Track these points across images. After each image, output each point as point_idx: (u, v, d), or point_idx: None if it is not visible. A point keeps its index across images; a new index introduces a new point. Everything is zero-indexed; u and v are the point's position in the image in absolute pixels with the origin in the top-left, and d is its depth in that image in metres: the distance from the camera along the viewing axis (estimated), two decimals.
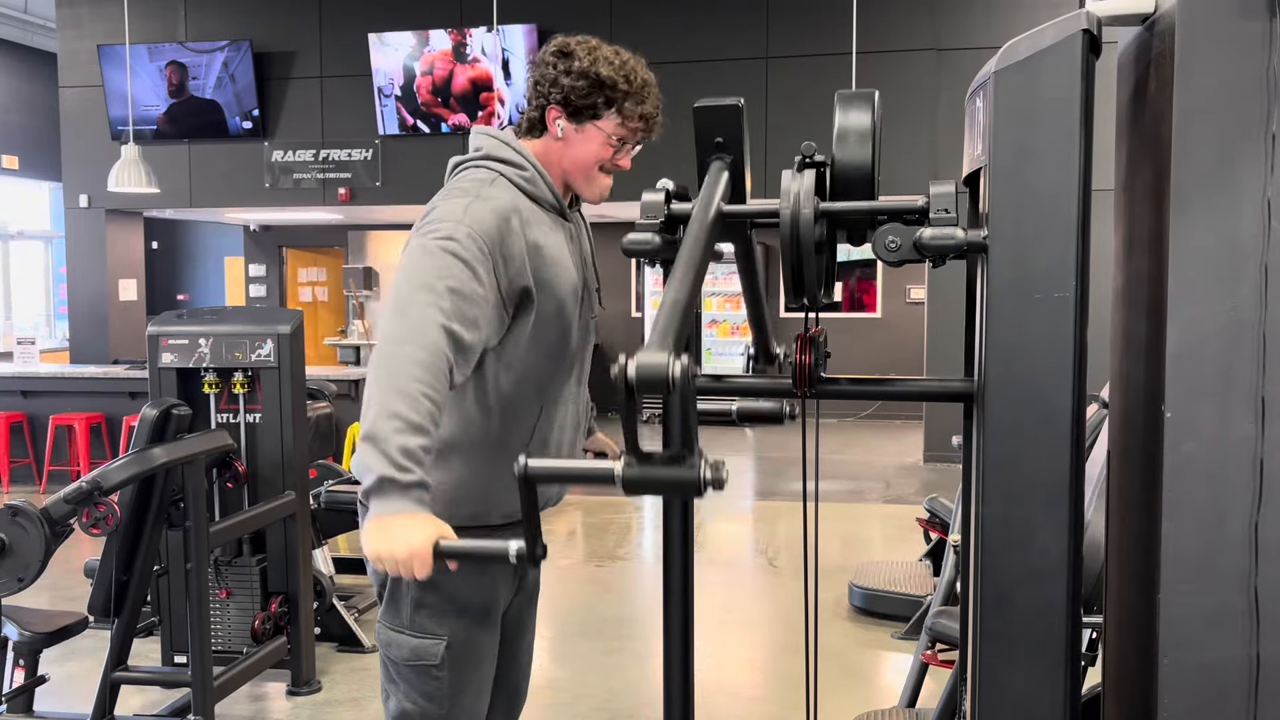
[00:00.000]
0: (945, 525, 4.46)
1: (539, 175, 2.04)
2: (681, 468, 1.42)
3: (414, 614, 2.03)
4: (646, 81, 2.06)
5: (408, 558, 1.67)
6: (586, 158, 2.05)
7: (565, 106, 2.02)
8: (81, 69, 10.44)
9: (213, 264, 15.22)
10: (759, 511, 7.73)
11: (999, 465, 1.48)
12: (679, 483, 1.43)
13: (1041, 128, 1.43)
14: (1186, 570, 1.37)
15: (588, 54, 2.02)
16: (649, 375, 1.30)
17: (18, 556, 2.73)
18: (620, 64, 2.03)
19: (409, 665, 2.03)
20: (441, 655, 2.02)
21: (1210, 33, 1.34)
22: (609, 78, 2.00)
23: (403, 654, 2.03)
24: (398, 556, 1.68)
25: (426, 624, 2.02)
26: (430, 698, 2.03)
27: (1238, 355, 1.34)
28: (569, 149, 2.05)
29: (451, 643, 2.03)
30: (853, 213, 1.59)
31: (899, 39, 8.93)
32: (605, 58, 2.02)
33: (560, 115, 2.02)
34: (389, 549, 1.68)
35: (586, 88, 2.00)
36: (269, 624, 3.89)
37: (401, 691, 2.05)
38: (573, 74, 2.00)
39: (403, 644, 2.03)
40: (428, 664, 2.02)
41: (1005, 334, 1.46)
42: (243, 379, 3.88)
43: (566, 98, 2.01)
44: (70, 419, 8.04)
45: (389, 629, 2.05)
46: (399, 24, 9.80)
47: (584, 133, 2.03)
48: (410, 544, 1.67)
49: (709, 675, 4.18)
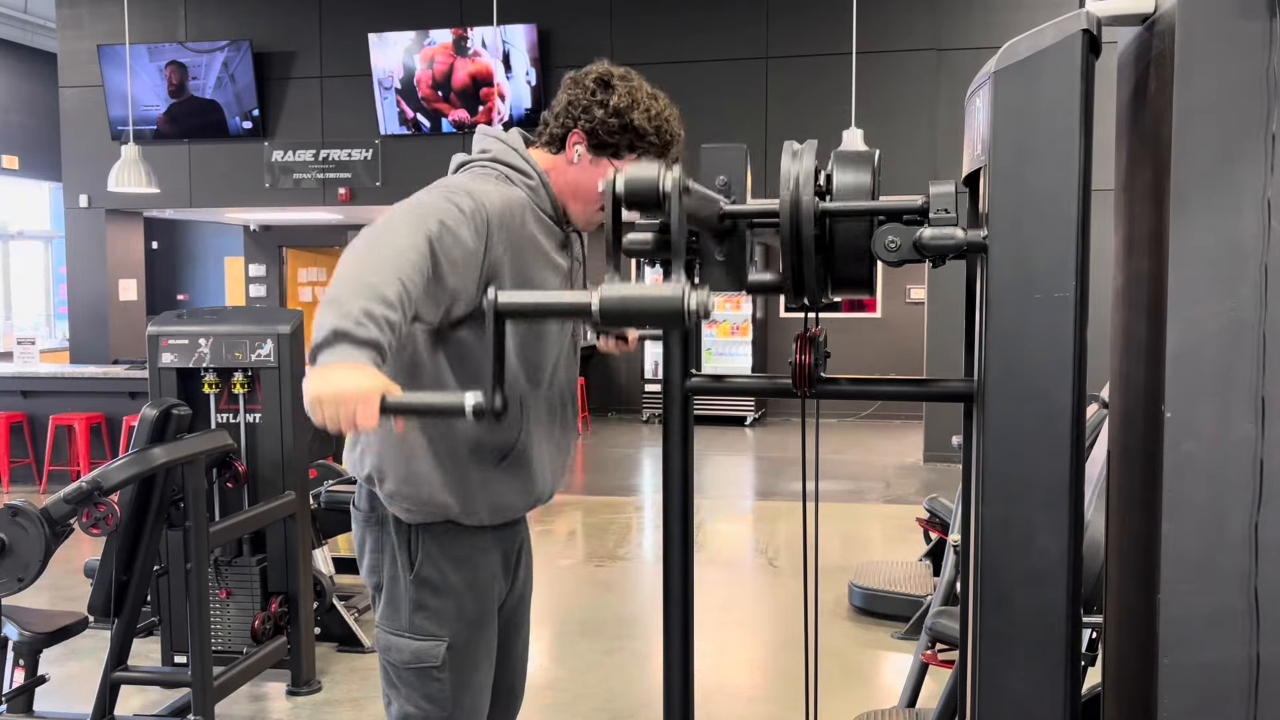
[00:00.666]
0: (945, 525, 4.46)
1: (544, 187, 2.03)
2: (664, 289, 1.29)
3: (413, 616, 2.02)
4: (676, 137, 2.05)
5: (352, 401, 1.51)
6: (593, 189, 2.03)
7: (590, 136, 2.00)
8: (81, 69, 10.44)
9: (213, 264, 15.22)
10: (759, 511, 7.73)
11: (999, 465, 1.48)
12: (661, 305, 1.30)
13: (1041, 128, 1.43)
14: (1186, 570, 1.37)
15: (627, 94, 1.99)
16: (638, 187, 1.22)
17: (18, 556, 2.73)
18: (655, 114, 2.01)
19: (410, 669, 2.03)
20: (443, 657, 2.02)
21: (1210, 33, 1.34)
22: (640, 126, 1.99)
23: (403, 657, 2.03)
24: (342, 397, 1.52)
25: (426, 626, 2.02)
26: (433, 700, 2.03)
27: (1238, 355, 1.34)
28: (579, 175, 2.03)
29: (453, 644, 2.03)
30: (853, 212, 1.59)
31: (899, 39, 8.93)
32: (642, 104, 2.00)
33: (581, 142, 2.01)
34: (332, 390, 1.53)
35: (617, 126, 1.98)
36: (269, 624, 3.89)
37: (404, 695, 2.05)
38: (607, 109, 1.98)
39: (403, 647, 2.03)
40: (429, 666, 2.02)
41: (1005, 334, 1.46)
42: (243, 379, 3.88)
43: (594, 129, 1.99)
44: (70, 419, 8.04)
45: (388, 633, 2.05)
46: (399, 24, 9.80)
47: (599, 165, 2.02)
48: (357, 387, 1.52)
49: (709, 675, 4.18)
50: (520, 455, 2.04)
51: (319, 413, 1.54)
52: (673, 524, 1.75)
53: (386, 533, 2.05)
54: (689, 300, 1.28)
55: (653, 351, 11.92)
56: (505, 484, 2.05)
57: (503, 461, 2.02)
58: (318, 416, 1.54)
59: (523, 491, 2.08)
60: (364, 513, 2.09)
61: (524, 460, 2.05)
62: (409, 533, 2.03)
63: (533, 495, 2.11)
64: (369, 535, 2.08)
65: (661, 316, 1.32)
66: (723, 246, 1.68)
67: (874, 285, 1.67)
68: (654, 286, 1.32)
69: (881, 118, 8.53)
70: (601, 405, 12.60)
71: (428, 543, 2.03)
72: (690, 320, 1.28)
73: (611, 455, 9.95)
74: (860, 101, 8.10)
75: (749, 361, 11.52)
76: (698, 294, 1.29)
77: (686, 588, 1.76)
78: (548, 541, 6.61)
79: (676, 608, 1.76)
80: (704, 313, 1.28)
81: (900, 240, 1.52)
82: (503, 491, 2.05)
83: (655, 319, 1.34)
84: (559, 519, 6.98)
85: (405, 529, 2.03)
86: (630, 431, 11.28)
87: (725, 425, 11.36)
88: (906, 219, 1.55)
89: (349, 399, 1.52)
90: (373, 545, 2.07)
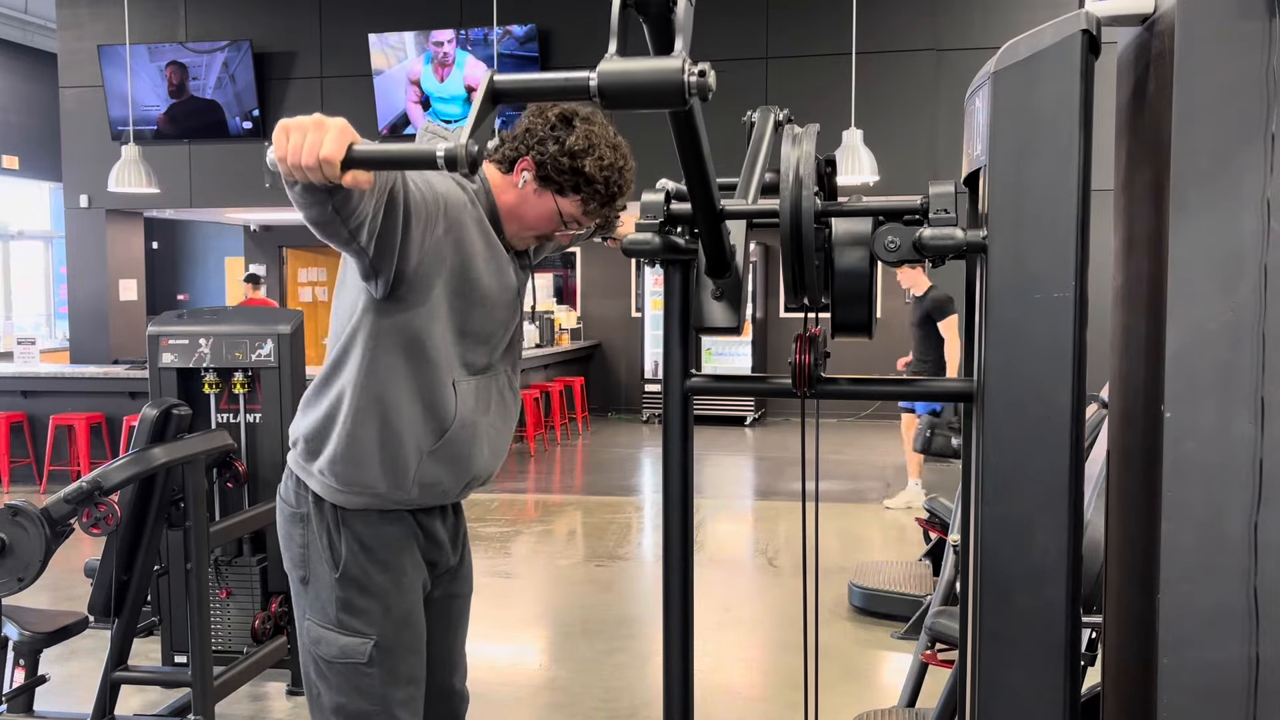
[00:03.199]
0: (945, 525, 4.46)
1: (486, 194, 2.04)
2: (663, 61, 1.23)
3: (340, 614, 2.04)
4: (622, 189, 2.04)
5: (321, 130, 1.39)
6: (529, 216, 2.05)
7: (539, 168, 1.99)
8: (81, 69, 10.45)
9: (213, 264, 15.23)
10: (759, 511, 7.73)
11: (999, 465, 1.48)
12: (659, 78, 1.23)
13: (1041, 128, 1.43)
14: (1186, 570, 1.37)
15: (585, 137, 1.98)
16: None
17: (18, 556, 2.73)
18: (607, 164, 1.99)
19: (340, 662, 2.04)
20: (370, 653, 2.03)
21: (1210, 33, 1.34)
22: (590, 173, 1.98)
23: (332, 652, 2.04)
24: (313, 125, 1.40)
25: (353, 624, 2.03)
26: (362, 693, 2.04)
27: (1238, 355, 1.34)
28: (519, 200, 2.03)
29: (380, 642, 2.04)
30: (852, 213, 1.59)
31: (899, 39, 8.94)
32: (598, 152, 1.98)
33: (530, 169, 2.00)
34: (304, 119, 1.41)
35: (567, 166, 1.98)
36: (269, 624, 3.89)
37: (334, 686, 2.06)
38: (562, 145, 1.97)
39: (331, 641, 2.04)
40: (357, 662, 2.03)
41: (1005, 334, 1.46)
42: (243, 379, 3.88)
43: (544, 162, 1.98)
44: (70, 419, 8.04)
45: (317, 625, 2.06)
46: (399, 24, 9.81)
47: (541, 197, 2.02)
48: (331, 121, 1.41)
49: (709, 675, 4.18)
50: (457, 434, 2.04)
51: (283, 140, 1.41)
52: (673, 524, 1.75)
53: (310, 530, 2.06)
54: (689, 73, 1.22)
55: (653, 352, 11.94)
56: (439, 461, 2.05)
57: (440, 439, 2.03)
58: (280, 144, 1.41)
59: (457, 471, 2.08)
60: (290, 506, 2.10)
61: (461, 439, 2.05)
62: (330, 529, 2.04)
63: (469, 474, 2.10)
64: (294, 530, 2.09)
65: (661, 89, 1.24)
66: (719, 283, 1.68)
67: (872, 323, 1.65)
68: (653, 59, 1.25)
69: (881, 118, 8.53)
70: (601, 405, 12.60)
71: (351, 541, 2.04)
72: (690, 95, 1.23)
73: (611, 455, 9.95)
74: (860, 101, 8.10)
75: (749, 361, 11.52)
76: (699, 68, 1.23)
77: (686, 588, 1.77)
78: (548, 541, 6.61)
79: (676, 608, 1.76)
80: (705, 91, 1.23)
81: (900, 240, 1.52)
82: (435, 469, 2.05)
83: (654, 92, 1.26)
84: (559, 519, 6.98)
85: (327, 524, 2.04)
86: (630, 431, 11.28)
87: (725, 425, 11.36)
88: (906, 219, 1.56)
89: (320, 127, 1.40)
90: (299, 540, 2.09)
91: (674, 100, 1.24)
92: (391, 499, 2.04)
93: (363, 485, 2.02)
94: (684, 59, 1.22)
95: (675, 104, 1.25)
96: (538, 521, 7.01)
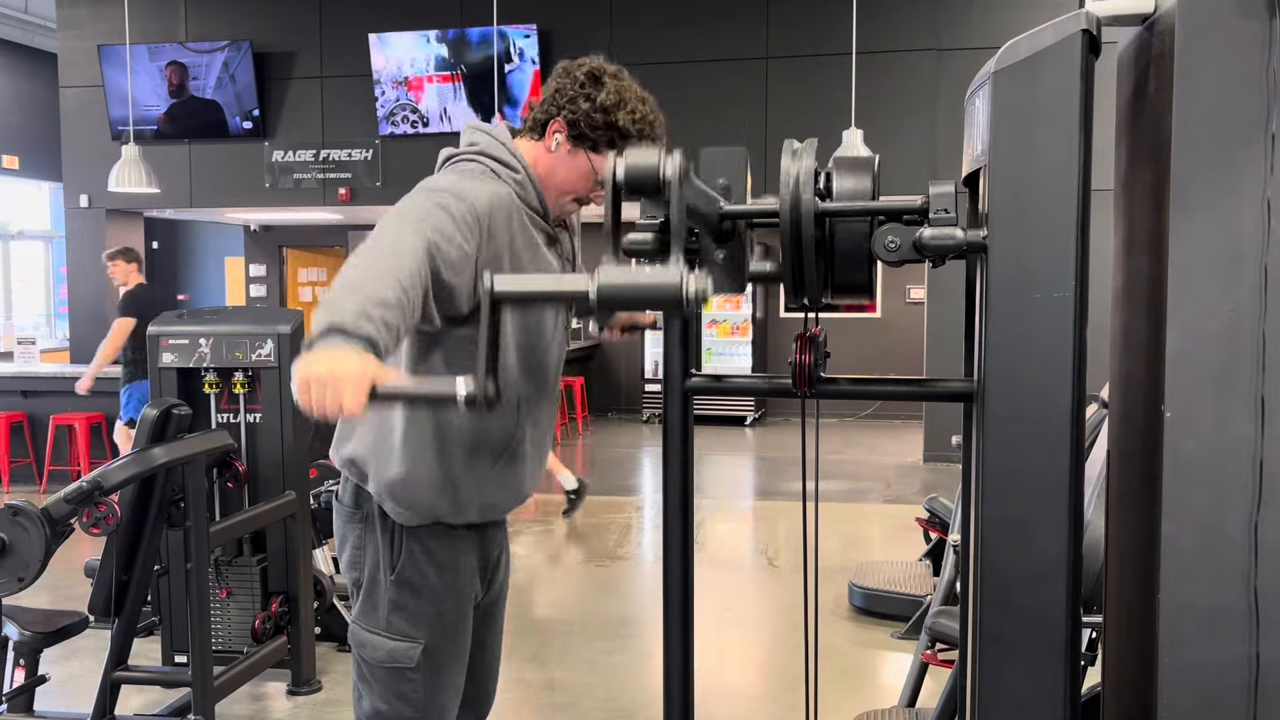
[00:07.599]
0: (945, 525, 4.46)
1: (529, 180, 2.02)
2: (664, 274, 1.25)
3: (390, 616, 2.02)
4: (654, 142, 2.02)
5: (340, 383, 1.43)
6: (566, 180, 2.03)
7: (571, 127, 1.99)
8: (81, 69, 10.44)
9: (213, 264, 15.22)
10: (759, 511, 7.73)
11: (999, 465, 1.48)
12: (660, 291, 1.25)
13: (1041, 128, 1.43)
14: (1186, 570, 1.37)
15: (616, 92, 1.97)
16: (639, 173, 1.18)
17: (18, 556, 2.73)
18: (640, 116, 1.99)
19: (384, 667, 2.03)
20: (417, 659, 2.02)
21: (1210, 33, 1.34)
22: (624, 126, 1.97)
23: (378, 656, 2.03)
24: (330, 378, 1.43)
25: (403, 627, 2.02)
26: (405, 699, 2.03)
27: (1238, 355, 1.34)
28: (554, 163, 2.02)
29: (429, 646, 2.03)
30: (852, 212, 1.59)
31: (899, 39, 8.93)
32: (629, 104, 1.98)
33: (562, 131, 2.00)
34: (319, 371, 1.44)
35: (601, 122, 1.97)
36: (269, 624, 3.89)
37: (376, 692, 2.05)
38: (594, 103, 1.96)
39: (379, 646, 2.03)
40: (403, 666, 2.02)
41: (1005, 334, 1.46)
42: (243, 379, 3.88)
43: (577, 120, 1.98)
44: (70, 419, 8.04)
45: (365, 630, 2.05)
46: (399, 24, 9.80)
47: (576, 158, 2.01)
48: (347, 370, 1.44)
49: (709, 675, 4.18)
50: (513, 454, 2.05)
51: (305, 395, 1.45)
52: (673, 524, 1.76)
53: (370, 530, 2.04)
54: (688, 285, 1.25)
55: (653, 351, 11.93)
56: (496, 484, 2.05)
57: (497, 462, 2.03)
58: (304, 399, 1.45)
59: (511, 491, 2.10)
60: (348, 508, 2.08)
61: (516, 460, 2.06)
62: (393, 532, 2.03)
63: (520, 495, 2.12)
64: (351, 531, 2.08)
65: (660, 302, 1.28)
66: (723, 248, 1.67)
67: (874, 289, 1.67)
68: (653, 271, 1.30)
69: (881, 118, 8.53)
70: (601, 405, 12.59)
71: (411, 544, 2.03)
72: (689, 306, 1.25)
73: (611, 455, 9.94)
74: (860, 101, 8.09)
75: (749, 361, 11.52)
76: (696, 279, 1.26)
77: (686, 587, 1.77)
78: (548, 541, 6.61)
79: (676, 608, 1.76)
80: (703, 298, 1.26)
81: (900, 240, 1.52)
82: (493, 491, 2.06)
83: (654, 304, 1.30)
84: (559, 519, 6.98)
85: (390, 528, 2.03)
86: (630, 431, 11.27)
87: (725, 425, 11.35)
88: (906, 219, 1.55)
89: (338, 381, 1.43)
90: (355, 542, 2.07)
91: (673, 309, 1.28)
92: (453, 520, 2.03)
93: (426, 507, 2.00)
94: (682, 271, 1.25)
95: (675, 314, 1.30)
96: (538, 521, 7.01)
